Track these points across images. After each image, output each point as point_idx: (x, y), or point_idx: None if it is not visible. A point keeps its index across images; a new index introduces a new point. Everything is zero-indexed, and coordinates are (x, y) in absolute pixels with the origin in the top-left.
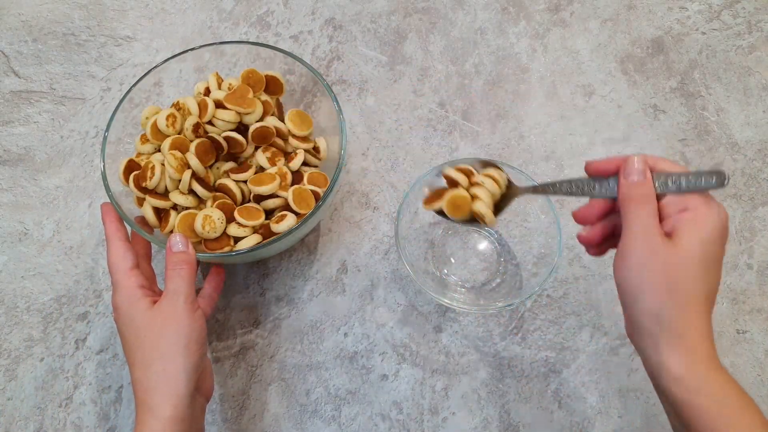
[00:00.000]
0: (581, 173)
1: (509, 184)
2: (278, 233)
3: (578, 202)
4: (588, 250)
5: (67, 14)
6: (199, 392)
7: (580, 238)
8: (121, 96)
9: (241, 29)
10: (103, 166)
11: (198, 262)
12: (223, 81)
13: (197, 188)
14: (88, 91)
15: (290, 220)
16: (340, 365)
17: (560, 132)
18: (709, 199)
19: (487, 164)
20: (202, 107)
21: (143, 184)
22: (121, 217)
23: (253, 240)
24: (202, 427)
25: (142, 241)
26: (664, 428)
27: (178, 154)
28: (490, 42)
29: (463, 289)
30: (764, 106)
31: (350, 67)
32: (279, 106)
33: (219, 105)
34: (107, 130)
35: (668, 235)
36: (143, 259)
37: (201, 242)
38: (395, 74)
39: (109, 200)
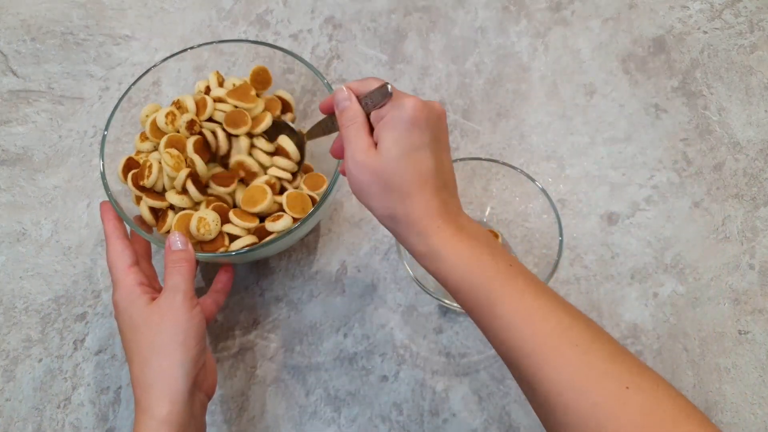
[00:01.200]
0: (581, 173)
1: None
2: (273, 232)
3: None
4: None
5: (66, 13)
6: (199, 389)
7: (332, 152)
8: (120, 95)
9: (240, 28)
10: (102, 165)
11: (197, 262)
12: (224, 80)
13: (191, 188)
14: (86, 90)
15: (286, 220)
16: (340, 366)
17: (561, 131)
18: (396, 103)
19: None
20: (201, 105)
21: (141, 183)
22: (120, 216)
23: (248, 240)
24: (204, 425)
25: (142, 240)
26: None
27: (175, 152)
28: (491, 41)
29: None
30: (766, 106)
31: (350, 66)
32: (286, 105)
33: (219, 101)
34: (106, 129)
35: (376, 145)
36: (143, 258)
37: (198, 243)
38: (395, 73)
39: (108, 199)
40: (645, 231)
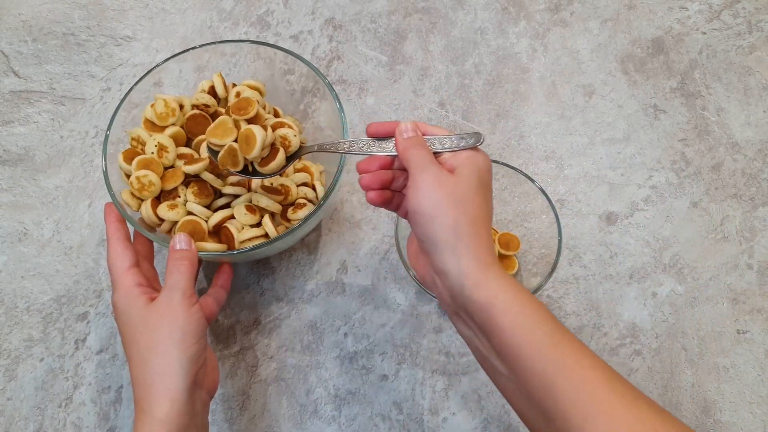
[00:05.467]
0: (580, 173)
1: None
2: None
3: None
4: (367, 195)
5: (67, 14)
6: (200, 387)
7: (362, 182)
8: (121, 96)
9: (240, 29)
10: (105, 165)
11: (200, 262)
12: (231, 87)
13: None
14: (87, 91)
15: (308, 208)
16: (340, 365)
17: (560, 132)
18: (476, 148)
19: (280, 124)
20: (169, 176)
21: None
22: (123, 217)
23: (256, 232)
24: (206, 422)
25: (145, 241)
26: None
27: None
28: (491, 42)
29: None
30: (764, 106)
31: (350, 66)
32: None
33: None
34: (109, 129)
35: (449, 171)
36: (145, 259)
37: (206, 236)
38: (395, 74)
39: (119, 210)
40: (644, 231)
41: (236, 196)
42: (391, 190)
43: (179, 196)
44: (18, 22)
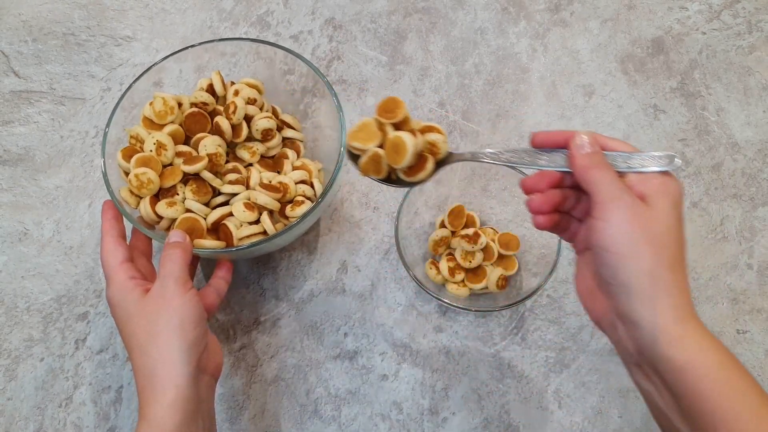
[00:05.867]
0: None
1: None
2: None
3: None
4: (534, 219)
5: (67, 14)
6: (204, 371)
7: (531, 205)
8: (122, 94)
9: (241, 29)
10: (104, 163)
11: (197, 258)
12: (230, 85)
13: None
14: (88, 91)
15: (306, 206)
16: (340, 365)
17: None
18: (668, 173)
19: (429, 128)
20: (167, 174)
21: (137, 149)
22: (120, 215)
23: (254, 230)
24: (212, 407)
25: (143, 237)
26: None
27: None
28: (491, 42)
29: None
30: (764, 106)
31: (350, 67)
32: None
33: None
34: (107, 126)
35: (639, 198)
36: (142, 255)
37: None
38: (395, 74)
39: (118, 208)
40: None
41: (235, 194)
42: (560, 212)
43: (178, 194)
44: (18, 22)
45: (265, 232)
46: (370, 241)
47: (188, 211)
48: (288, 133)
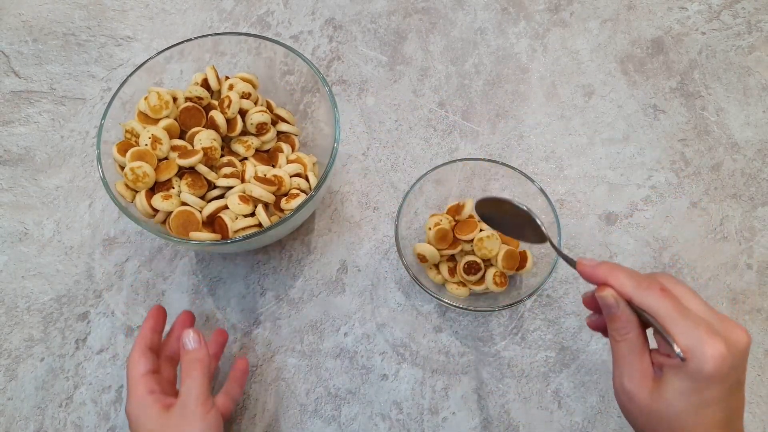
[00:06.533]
0: (580, 173)
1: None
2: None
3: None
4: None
5: (68, 14)
6: None
7: (588, 324)
8: (122, 96)
9: (241, 29)
10: (99, 154)
11: (216, 364)
12: (224, 79)
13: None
14: (88, 91)
15: (300, 198)
16: (340, 365)
17: (560, 132)
18: (695, 344)
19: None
20: (163, 168)
21: (133, 144)
22: (159, 326)
23: (249, 222)
24: None
25: (172, 342)
26: None
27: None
28: (490, 42)
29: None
30: (764, 106)
31: (350, 67)
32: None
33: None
34: (104, 117)
35: (659, 366)
36: (167, 362)
37: (200, 226)
38: (395, 74)
39: (111, 200)
40: (643, 231)
41: (230, 188)
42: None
43: (173, 188)
44: (18, 22)
45: (260, 225)
46: (370, 241)
47: (184, 204)
48: (282, 127)
